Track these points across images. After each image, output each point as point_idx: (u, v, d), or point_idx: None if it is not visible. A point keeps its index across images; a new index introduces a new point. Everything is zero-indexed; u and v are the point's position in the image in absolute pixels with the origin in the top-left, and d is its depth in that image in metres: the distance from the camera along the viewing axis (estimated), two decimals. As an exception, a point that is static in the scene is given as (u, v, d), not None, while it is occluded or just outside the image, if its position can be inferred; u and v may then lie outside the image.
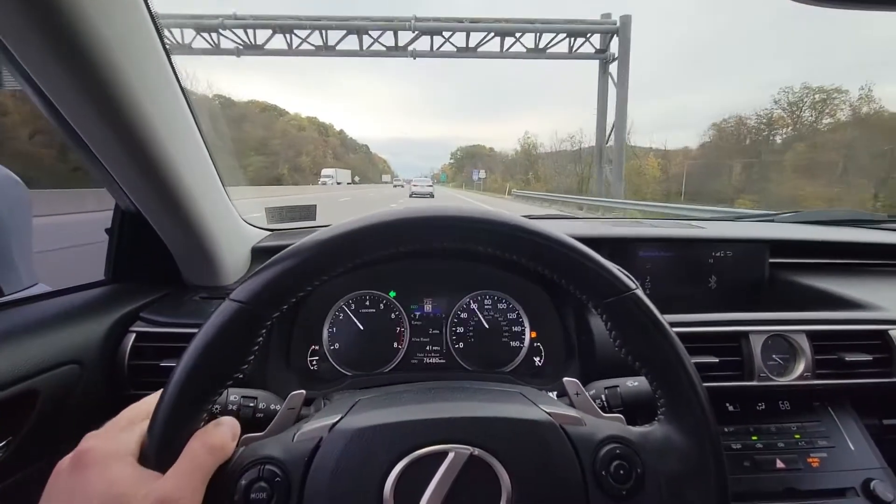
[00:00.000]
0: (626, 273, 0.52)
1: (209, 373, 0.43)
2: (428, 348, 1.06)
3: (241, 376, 0.46)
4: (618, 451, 0.46)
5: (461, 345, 1.06)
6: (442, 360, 1.06)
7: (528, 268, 0.48)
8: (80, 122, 0.66)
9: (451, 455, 0.44)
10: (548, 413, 0.48)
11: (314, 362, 1.02)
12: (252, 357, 0.46)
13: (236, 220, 1.02)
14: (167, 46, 0.71)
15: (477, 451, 0.44)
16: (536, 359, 1.06)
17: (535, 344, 1.06)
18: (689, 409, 0.46)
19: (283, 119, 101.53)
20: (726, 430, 0.87)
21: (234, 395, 0.67)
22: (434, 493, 0.42)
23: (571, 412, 0.50)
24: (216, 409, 0.64)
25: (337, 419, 0.47)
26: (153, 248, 0.91)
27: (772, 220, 1.51)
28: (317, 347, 1.03)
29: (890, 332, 0.89)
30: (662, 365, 0.47)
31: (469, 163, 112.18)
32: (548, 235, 0.47)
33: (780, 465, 0.83)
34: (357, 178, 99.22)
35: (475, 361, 1.05)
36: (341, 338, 1.04)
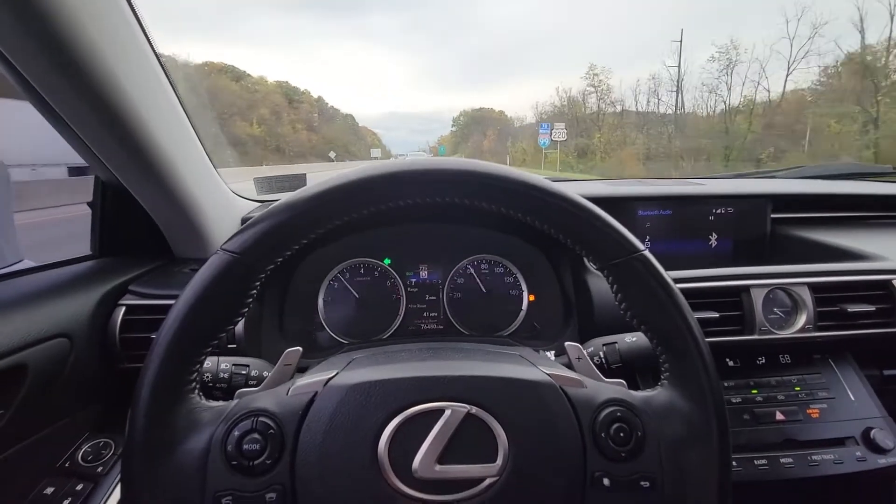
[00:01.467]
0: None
1: (200, 325, 0.43)
2: (425, 315, 1.05)
3: (231, 328, 0.45)
4: (618, 414, 0.45)
5: (459, 310, 1.05)
6: (440, 327, 1.05)
7: (533, 226, 0.46)
8: (48, 89, 0.63)
9: (447, 413, 0.43)
10: (548, 374, 0.47)
11: (310, 331, 1.02)
12: (244, 310, 0.45)
13: (223, 191, 0.99)
14: (139, 13, 0.67)
15: (474, 410, 0.43)
16: (535, 321, 1.05)
17: (533, 307, 1.05)
18: (695, 375, 0.45)
19: (241, 83, 77.74)
20: (726, 384, 0.87)
21: (225, 363, 0.66)
22: (429, 450, 0.42)
23: (572, 374, 0.49)
24: (207, 377, 0.63)
25: (332, 374, 0.46)
26: (139, 221, 0.88)
27: (773, 177, 1.48)
28: (313, 316, 1.02)
29: (894, 281, 0.87)
30: (670, 330, 0.46)
31: (476, 129, 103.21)
32: (556, 192, 0.45)
33: (779, 416, 0.83)
34: (334, 155, 76.50)
35: (473, 326, 1.05)
36: (337, 306, 1.03)
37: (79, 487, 0.69)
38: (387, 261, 1.05)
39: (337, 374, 0.47)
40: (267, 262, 0.44)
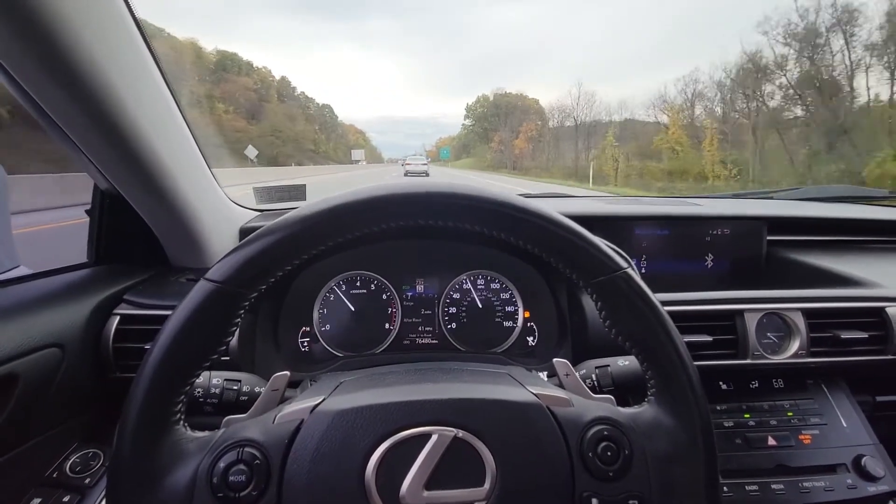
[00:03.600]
0: (619, 251, 0.50)
1: (184, 357, 0.42)
2: (420, 329, 1.05)
3: (217, 358, 0.45)
4: (605, 433, 0.45)
5: (454, 325, 1.05)
6: (434, 341, 1.05)
7: (517, 246, 0.47)
8: (46, 99, 0.63)
9: (434, 437, 0.43)
10: (535, 394, 0.47)
11: (305, 344, 1.01)
12: (229, 339, 0.45)
13: (222, 200, 0.99)
14: (138, 20, 0.68)
15: (461, 433, 0.43)
16: (530, 339, 1.05)
17: (528, 324, 1.05)
18: (679, 390, 0.46)
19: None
20: (718, 408, 0.87)
21: (216, 378, 0.66)
22: (416, 475, 0.42)
23: (559, 393, 0.49)
24: (198, 392, 0.63)
25: (319, 401, 0.46)
26: (137, 229, 0.89)
27: (770, 198, 1.49)
28: (307, 329, 1.02)
29: (887, 309, 0.88)
30: (653, 346, 0.46)
31: (500, 123, 72.60)
32: (536, 212, 0.45)
33: (771, 442, 0.83)
34: (254, 154, 30.94)
35: (468, 342, 1.05)
36: (332, 319, 1.03)
37: (66, 499, 0.69)
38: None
39: (323, 400, 0.46)
40: (251, 289, 0.44)
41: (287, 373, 0.54)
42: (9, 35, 0.53)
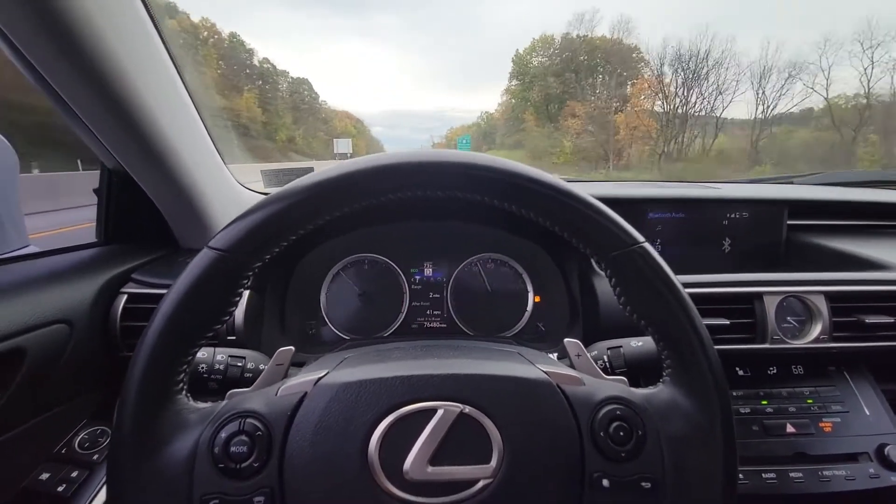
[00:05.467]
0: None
1: (187, 325, 0.42)
2: (429, 312, 1.04)
3: (221, 327, 0.44)
4: (618, 413, 0.43)
5: (463, 309, 1.04)
6: (443, 325, 1.04)
7: (530, 219, 0.45)
8: (53, 76, 0.63)
9: (440, 412, 0.42)
10: (545, 372, 0.46)
11: (312, 326, 1.01)
12: (233, 309, 0.44)
13: (229, 182, 0.99)
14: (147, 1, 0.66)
15: (468, 409, 0.42)
16: (540, 323, 1.03)
17: (538, 308, 1.03)
18: (698, 370, 0.44)
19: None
20: (735, 394, 0.84)
21: (221, 354, 0.65)
22: (421, 450, 0.40)
23: (570, 372, 0.47)
24: (202, 368, 0.63)
25: (323, 373, 0.45)
26: (145, 210, 0.88)
27: (790, 182, 1.44)
28: (315, 311, 1.01)
29: None
30: (671, 324, 0.44)
31: (584, 81, 44.42)
32: (551, 184, 0.43)
33: (790, 429, 0.81)
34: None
35: (477, 326, 1.03)
36: (339, 302, 1.02)
37: (74, 474, 0.69)
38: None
39: (327, 373, 0.45)
40: (255, 258, 0.43)
41: (291, 348, 0.54)
42: (16, 10, 0.52)
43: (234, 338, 0.79)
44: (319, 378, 0.44)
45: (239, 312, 0.80)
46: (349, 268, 1.03)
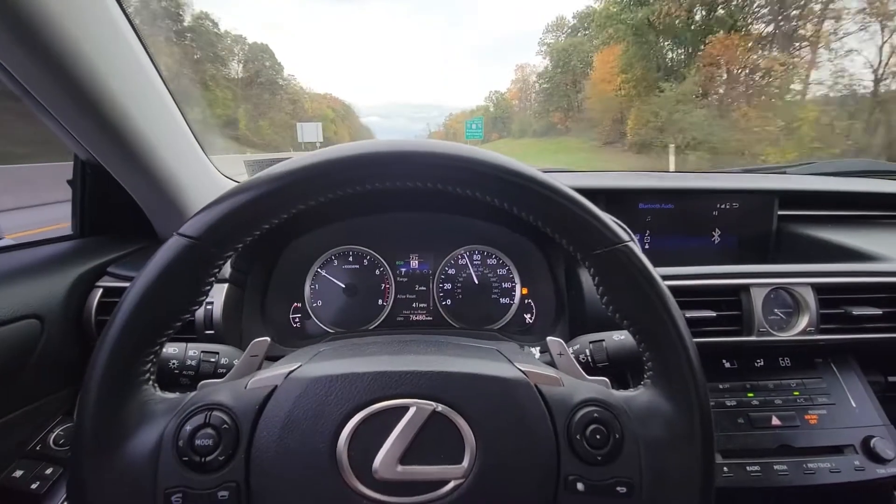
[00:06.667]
0: (621, 224, 0.47)
1: (153, 314, 0.40)
2: (414, 305, 1.03)
3: (189, 317, 0.43)
4: (596, 415, 0.42)
5: (449, 301, 1.02)
6: (429, 318, 1.03)
7: (514, 215, 0.44)
8: (15, 66, 0.60)
9: (411, 410, 0.41)
10: (523, 371, 0.45)
11: (296, 320, 1.00)
12: (202, 298, 0.43)
13: (209, 171, 0.96)
14: None
15: (440, 408, 0.41)
16: (527, 315, 1.02)
17: (526, 301, 1.02)
18: (678, 373, 0.43)
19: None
20: (721, 386, 0.83)
21: (193, 350, 0.64)
22: (391, 449, 0.39)
23: (549, 372, 0.46)
24: (173, 364, 0.61)
25: (295, 367, 0.44)
26: (122, 201, 0.86)
27: (783, 173, 1.43)
28: (299, 304, 1.00)
29: None
30: (653, 325, 0.43)
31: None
32: (535, 178, 0.42)
33: (775, 421, 0.80)
34: None
35: (463, 318, 1.02)
36: (324, 294, 1.00)
37: (48, 471, 0.68)
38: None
39: (299, 366, 0.44)
40: (226, 247, 0.42)
41: (267, 339, 0.53)
42: None
43: (212, 332, 0.78)
44: (291, 371, 0.43)
45: (217, 306, 0.78)
46: (334, 260, 1.02)
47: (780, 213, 1.10)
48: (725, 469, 0.76)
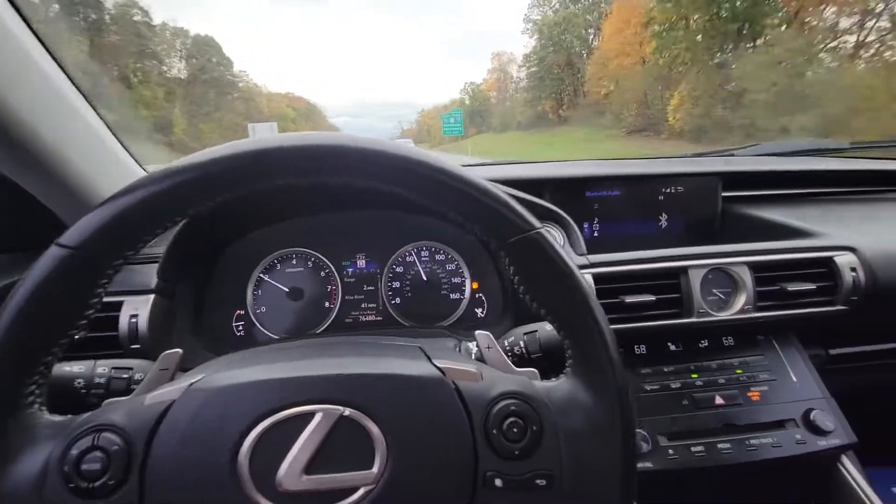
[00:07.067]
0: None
1: (32, 333, 0.37)
2: (363, 306, 1.00)
3: (76, 333, 0.40)
4: (513, 408, 0.41)
5: (398, 300, 1.00)
6: (379, 318, 1.00)
7: (426, 206, 0.42)
8: None
9: (318, 416, 0.39)
10: (440, 368, 0.43)
11: (240, 327, 0.96)
12: (90, 312, 0.40)
13: (126, 166, 0.91)
14: None
15: (348, 412, 0.39)
16: (478, 310, 1.01)
17: (476, 295, 1.01)
18: (596, 361, 0.42)
19: None
20: (665, 369, 0.84)
21: (102, 367, 0.60)
22: (296, 459, 0.38)
23: (468, 367, 0.45)
24: (79, 383, 0.58)
25: (198, 378, 0.41)
26: (36, 211, 0.81)
27: (732, 155, 1.45)
28: (242, 312, 0.96)
29: (835, 258, 0.85)
30: (569, 313, 0.43)
31: None
32: (442, 169, 0.40)
33: (719, 401, 0.81)
34: None
35: (414, 316, 1.00)
36: (267, 300, 0.97)
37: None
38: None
39: (203, 377, 0.42)
40: (113, 255, 0.39)
41: (179, 350, 0.49)
42: None
43: (138, 346, 0.74)
44: (192, 383, 0.41)
45: (143, 319, 0.74)
46: (276, 264, 0.98)
47: (724, 194, 1.11)
48: (671, 451, 0.76)
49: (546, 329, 0.67)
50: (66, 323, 0.39)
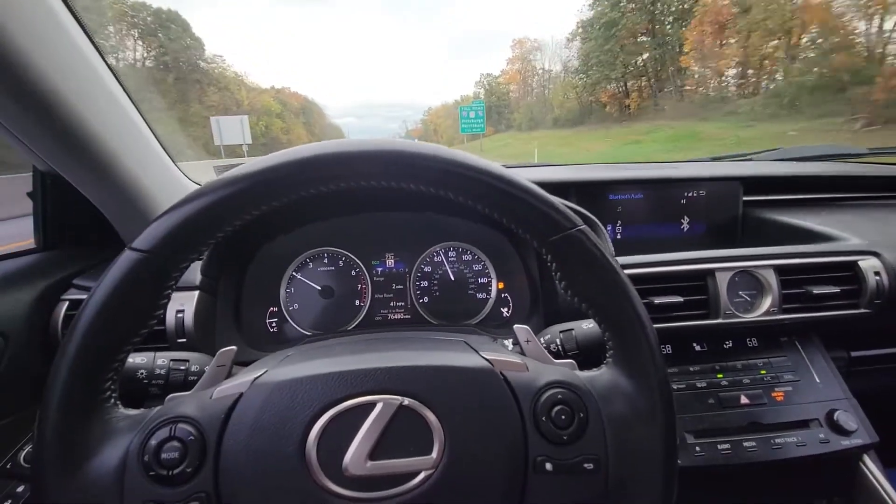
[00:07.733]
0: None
1: (110, 332, 0.40)
2: (392, 304, 1.03)
3: (148, 332, 0.43)
4: (560, 396, 0.44)
5: (426, 299, 1.03)
6: (407, 316, 1.03)
7: (470, 208, 0.44)
8: None
9: (378, 406, 0.41)
10: (488, 359, 0.46)
11: (273, 324, 0.99)
12: (160, 312, 0.43)
13: (175, 176, 0.95)
14: None
15: (407, 401, 0.41)
16: (504, 310, 1.03)
17: (502, 295, 1.03)
18: (637, 351, 0.44)
19: None
20: (691, 369, 0.86)
21: (162, 359, 0.63)
22: (360, 446, 0.40)
23: (514, 358, 0.47)
24: (141, 374, 0.61)
25: (260, 373, 0.44)
26: (86, 211, 0.84)
27: (749, 160, 1.47)
28: (275, 309, 0.99)
29: (859, 262, 0.87)
30: (609, 305, 0.45)
31: None
32: (486, 170, 0.43)
33: (744, 400, 0.83)
34: None
35: (441, 315, 1.03)
36: (300, 297, 1.00)
37: (20, 489, 0.67)
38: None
39: (265, 372, 0.44)
40: (182, 257, 0.41)
41: (233, 348, 0.52)
42: None
43: (184, 340, 0.77)
44: (256, 377, 0.43)
45: (188, 314, 0.77)
46: (308, 262, 1.01)
47: (745, 198, 1.13)
48: (698, 449, 0.78)
49: (582, 327, 0.69)
50: (140, 321, 0.41)
